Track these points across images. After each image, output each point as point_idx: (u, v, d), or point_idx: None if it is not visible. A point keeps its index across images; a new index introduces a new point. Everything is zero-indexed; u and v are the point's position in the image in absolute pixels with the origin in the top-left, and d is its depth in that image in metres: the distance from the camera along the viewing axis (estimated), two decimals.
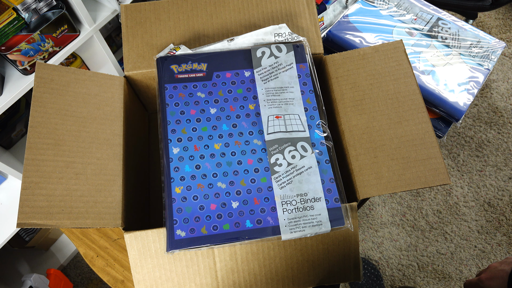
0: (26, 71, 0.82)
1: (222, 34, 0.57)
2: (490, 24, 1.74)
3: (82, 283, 1.26)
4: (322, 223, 0.45)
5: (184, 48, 0.54)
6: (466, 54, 0.76)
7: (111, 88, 0.53)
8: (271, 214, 0.46)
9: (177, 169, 0.47)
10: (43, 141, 0.46)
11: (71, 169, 0.46)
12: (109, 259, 0.62)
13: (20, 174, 0.89)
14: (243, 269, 0.48)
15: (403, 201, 1.37)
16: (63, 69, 0.51)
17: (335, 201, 0.47)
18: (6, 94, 0.80)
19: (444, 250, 1.30)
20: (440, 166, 0.49)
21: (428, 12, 0.83)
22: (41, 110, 0.47)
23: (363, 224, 1.34)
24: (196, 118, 0.50)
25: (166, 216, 0.45)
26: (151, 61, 0.56)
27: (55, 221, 0.43)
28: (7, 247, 1.16)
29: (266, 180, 0.47)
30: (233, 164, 0.48)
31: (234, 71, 0.53)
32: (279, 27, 0.56)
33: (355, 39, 0.78)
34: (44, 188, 0.44)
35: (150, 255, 0.47)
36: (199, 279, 0.48)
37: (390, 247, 1.31)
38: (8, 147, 0.99)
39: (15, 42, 0.76)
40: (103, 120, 0.50)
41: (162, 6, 0.58)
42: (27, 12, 0.75)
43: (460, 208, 1.36)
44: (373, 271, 1.24)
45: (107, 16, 0.91)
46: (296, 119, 0.50)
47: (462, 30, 0.79)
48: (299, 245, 0.49)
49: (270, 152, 0.48)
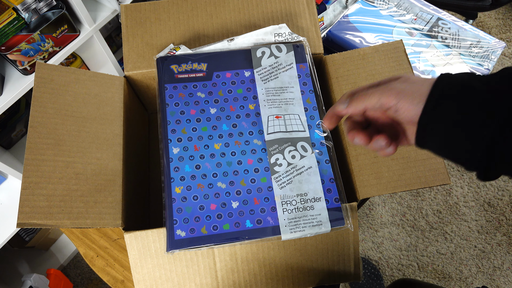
0: (26, 71, 0.82)
1: (222, 34, 0.57)
2: (490, 24, 1.74)
3: (82, 283, 1.26)
4: (322, 223, 0.45)
5: (184, 48, 0.54)
6: (466, 54, 0.76)
7: (111, 88, 0.53)
8: (271, 214, 0.46)
9: (177, 169, 0.47)
10: (43, 141, 0.46)
11: (71, 169, 0.46)
12: (109, 259, 0.62)
13: (20, 174, 0.90)
14: (243, 269, 0.48)
15: (403, 201, 1.37)
16: (63, 69, 0.50)
17: (335, 201, 0.47)
18: (6, 94, 0.80)
19: (444, 250, 1.30)
20: (440, 166, 0.49)
21: (428, 12, 0.83)
22: (41, 110, 0.47)
23: (363, 224, 1.34)
24: (196, 118, 0.50)
25: (166, 216, 0.45)
26: (151, 61, 0.56)
27: (55, 221, 0.43)
28: (7, 247, 1.16)
29: (266, 180, 0.47)
30: (233, 164, 0.48)
31: (234, 71, 0.53)
32: (279, 27, 0.56)
33: (355, 39, 0.78)
34: (44, 188, 0.44)
35: (150, 255, 0.47)
36: (199, 279, 0.48)
37: (390, 247, 1.31)
38: (8, 147, 0.99)
39: (15, 42, 0.76)
40: (103, 120, 0.50)
41: (162, 6, 0.58)
42: (27, 12, 0.75)
43: (460, 208, 1.36)
44: (373, 271, 1.24)
45: (107, 16, 0.91)
46: (296, 119, 0.50)
47: (462, 30, 0.79)
48: (299, 245, 0.49)
49: (270, 152, 0.48)
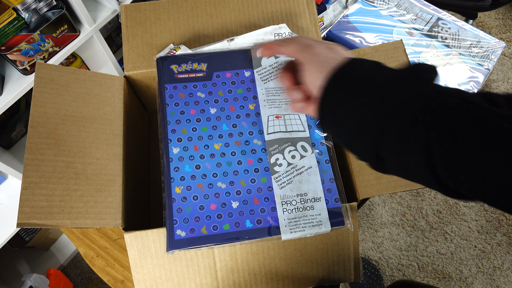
0: (26, 71, 0.82)
1: (222, 34, 0.57)
2: (490, 24, 1.74)
3: (82, 283, 1.26)
4: (322, 223, 0.45)
5: (184, 48, 0.54)
6: (466, 54, 0.76)
7: (111, 88, 0.53)
8: (271, 214, 0.46)
9: (177, 169, 0.47)
10: (43, 141, 0.46)
11: (71, 169, 0.46)
12: (109, 259, 0.62)
13: (20, 174, 0.90)
14: (243, 269, 0.48)
15: (403, 201, 1.37)
16: (63, 69, 0.50)
17: (335, 201, 0.47)
18: (6, 94, 0.80)
19: (444, 250, 1.30)
20: None
21: (428, 12, 0.83)
22: (41, 110, 0.47)
23: (363, 224, 1.34)
24: (196, 118, 0.50)
25: (166, 216, 0.45)
26: (151, 61, 0.56)
27: (55, 221, 0.43)
28: (7, 247, 1.16)
29: (266, 180, 0.47)
30: (233, 164, 0.48)
31: (234, 71, 0.53)
32: (279, 27, 0.56)
33: (355, 39, 0.78)
34: (44, 188, 0.44)
35: (150, 255, 0.47)
36: (199, 279, 0.48)
37: (390, 247, 1.31)
38: (8, 147, 0.99)
39: (15, 42, 0.76)
40: (103, 120, 0.50)
41: (162, 6, 0.58)
42: (27, 12, 0.75)
43: (460, 208, 1.36)
44: (373, 271, 1.24)
45: (107, 16, 0.91)
46: (296, 119, 0.50)
47: (462, 30, 0.79)
48: (299, 245, 0.49)
49: (270, 152, 0.48)
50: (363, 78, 0.29)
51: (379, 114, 0.26)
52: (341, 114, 0.29)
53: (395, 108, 0.26)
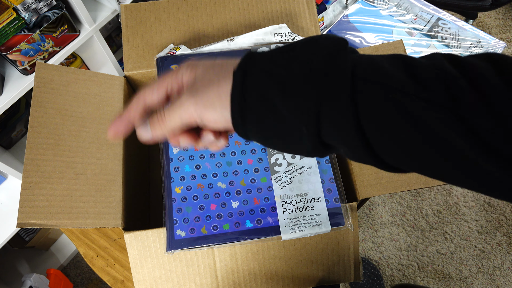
0: (26, 71, 0.82)
1: (222, 34, 0.57)
2: (490, 24, 1.74)
3: (82, 283, 1.26)
4: (322, 223, 0.45)
5: (184, 48, 0.54)
6: (466, 54, 0.76)
7: (111, 88, 0.53)
8: (271, 214, 0.46)
9: (177, 169, 0.47)
10: (43, 141, 0.46)
11: (71, 169, 0.46)
12: (109, 259, 0.62)
13: (20, 174, 0.90)
14: (243, 269, 0.48)
15: (403, 201, 1.37)
16: (63, 69, 0.50)
17: (335, 201, 0.47)
18: (6, 94, 0.80)
19: (444, 250, 1.30)
20: None
21: (428, 12, 0.83)
22: (41, 110, 0.47)
23: (363, 224, 1.34)
24: None
25: (166, 216, 0.45)
26: (151, 61, 0.55)
27: (55, 221, 0.43)
28: (7, 247, 1.16)
29: (266, 180, 0.47)
30: (233, 164, 0.48)
31: None
32: (279, 27, 0.56)
33: (355, 39, 0.78)
34: (44, 188, 0.44)
35: (150, 255, 0.47)
36: (199, 279, 0.48)
37: (390, 247, 1.31)
38: (8, 147, 0.99)
39: (15, 42, 0.76)
40: (103, 120, 0.50)
41: (162, 6, 0.58)
42: (27, 12, 0.75)
43: (460, 208, 1.36)
44: (373, 271, 1.24)
45: (107, 16, 0.91)
46: None
47: (462, 30, 0.79)
48: (299, 245, 0.49)
49: (270, 152, 0.48)
50: (262, 87, 0.25)
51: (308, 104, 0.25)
52: (266, 124, 0.26)
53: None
